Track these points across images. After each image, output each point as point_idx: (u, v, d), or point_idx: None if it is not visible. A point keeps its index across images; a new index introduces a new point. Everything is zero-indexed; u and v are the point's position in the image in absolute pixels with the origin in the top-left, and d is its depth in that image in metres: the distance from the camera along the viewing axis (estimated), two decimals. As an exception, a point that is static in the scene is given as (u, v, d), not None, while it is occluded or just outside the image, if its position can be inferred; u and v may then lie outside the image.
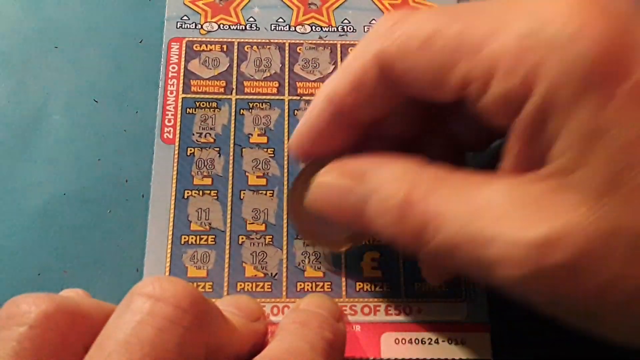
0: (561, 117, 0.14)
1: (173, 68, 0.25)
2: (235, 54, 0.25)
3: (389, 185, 0.17)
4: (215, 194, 0.23)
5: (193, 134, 0.24)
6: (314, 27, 0.26)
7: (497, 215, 0.15)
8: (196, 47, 0.25)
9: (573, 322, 0.16)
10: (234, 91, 0.25)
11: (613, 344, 0.16)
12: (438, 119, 0.21)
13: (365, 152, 0.19)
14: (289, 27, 0.26)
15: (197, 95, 0.25)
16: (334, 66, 0.25)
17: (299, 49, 0.26)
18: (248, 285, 0.22)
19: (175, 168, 0.23)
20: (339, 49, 0.26)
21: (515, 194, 0.15)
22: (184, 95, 0.25)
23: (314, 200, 0.20)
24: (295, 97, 0.25)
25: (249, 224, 0.23)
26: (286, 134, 0.24)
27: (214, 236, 0.23)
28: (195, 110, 0.24)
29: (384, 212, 0.17)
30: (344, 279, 0.22)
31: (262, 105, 0.25)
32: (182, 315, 0.16)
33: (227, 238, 0.23)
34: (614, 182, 0.14)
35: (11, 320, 0.15)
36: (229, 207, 0.23)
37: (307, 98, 0.25)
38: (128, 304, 0.16)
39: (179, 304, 0.16)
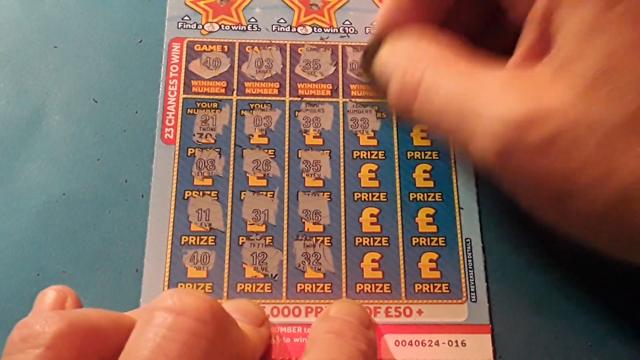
0: (566, 11, 0.15)
1: (174, 68, 0.25)
2: (237, 55, 0.25)
3: (401, 55, 0.20)
4: (215, 195, 0.23)
5: (194, 135, 0.24)
6: (315, 28, 0.26)
7: (490, 92, 0.16)
8: (197, 47, 0.25)
9: (538, 207, 0.17)
10: (235, 92, 0.25)
11: (573, 238, 0.17)
12: (503, 14, 0.22)
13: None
14: (290, 28, 0.26)
15: (198, 96, 0.25)
16: (334, 67, 0.25)
17: (300, 50, 0.26)
18: (248, 286, 0.22)
19: (175, 168, 0.23)
20: (340, 50, 0.26)
21: (512, 78, 0.17)
22: (184, 96, 0.25)
23: (379, 58, 0.22)
24: (296, 98, 0.25)
25: (249, 224, 0.23)
26: (287, 135, 0.24)
27: (214, 237, 0.23)
28: (196, 111, 0.24)
29: (394, 70, 0.20)
30: (344, 280, 0.22)
31: (262, 106, 0.25)
32: (205, 327, 0.16)
33: (227, 239, 0.23)
34: (600, 80, 0.15)
35: (26, 343, 0.15)
36: (229, 208, 0.23)
37: (308, 99, 0.25)
38: (149, 320, 0.16)
39: (201, 316, 0.16)
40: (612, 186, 0.15)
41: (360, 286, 0.22)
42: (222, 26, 0.26)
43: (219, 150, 0.24)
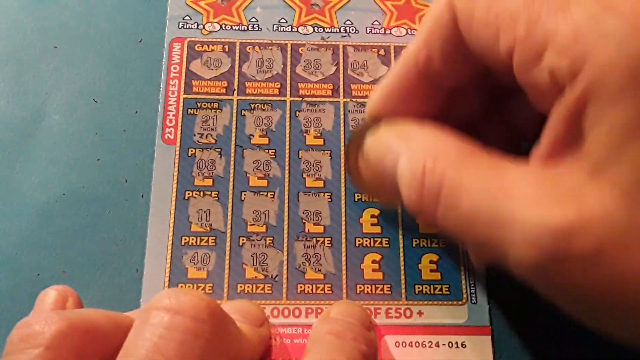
0: (602, 107, 0.14)
1: (175, 68, 0.25)
2: (237, 55, 0.25)
3: (416, 151, 0.18)
4: (216, 195, 0.23)
5: (194, 135, 0.24)
6: (316, 28, 0.26)
7: (522, 196, 0.15)
8: (198, 47, 0.25)
9: (579, 315, 0.16)
10: (236, 92, 0.25)
11: (616, 341, 0.16)
12: (501, 102, 0.21)
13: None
14: (291, 28, 0.26)
15: (199, 96, 0.25)
16: (336, 67, 0.25)
17: (301, 50, 0.26)
18: (248, 287, 0.22)
19: (176, 169, 0.23)
20: (341, 50, 0.26)
21: (543, 178, 0.15)
22: (185, 96, 0.25)
23: (368, 149, 0.20)
24: (297, 98, 0.25)
25: (250, 225, 0.23)
26: (287, 135, 0.24)
27: (214, 237, 0.22)
28: (196, 111, 0.24)
29: (408, 174, 0.17)
30: (344, 281, 0.22)
31: (263, 106, 0.25)
32: (202, 327, 0.16)
33: (228, 239, 0.23)
34: None
35: (25, 343, 0.15)
36: (229, 209, 0.23)
37: (309, 99, 0.25)
38: (146, 319, 0.15)
39: (198, 315, 0.16)
40: None
41: (360, 287, 0.22)
42: (223, 26, 0.26)
43: (219, 150, 0.24)
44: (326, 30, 0.26)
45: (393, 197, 0.20)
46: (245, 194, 0.23)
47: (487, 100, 0.21)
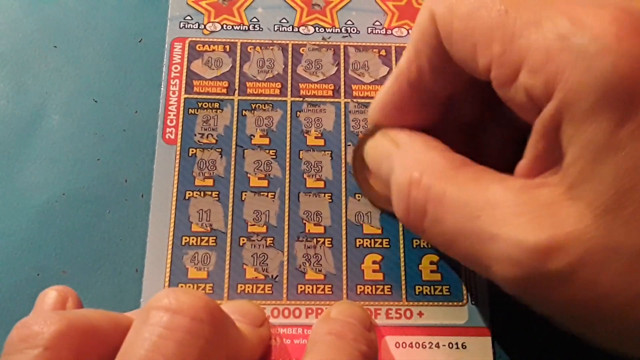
0: (576, 126, 0.14)
1: (175, 68, 0.25)
2: (238, 55, 0.25)
3: (406, 163, 0.18)
4: (216, 195, 0.23)
5: (195, 135, 0.24)
6: (317, 28, 0.26)
7: (503, 214, 0.15)
8: (199, 47, 0.25)
9: (565, 326, 0.17)
10: (237, 92, 0.25)
11: (603, 350, 0.16)
12: (500, 104, 0.21)
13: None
14: (293, 28, 0.26)
15: (200, 96, 0.25)
16: (337, 67, 0.25)
17: (302, 50, 0.26)
18: (248, 287, 0.22)
19: (176, 169, 0.23)
20: (342, 50, 0.26)
21: (524, 196, 0.16)
22: (186, 96, 0.24)
23: (367, 155, 0.21)
24: (297, 99, 0.25)
25: (250, 225, 0.23)
26: (288, 135, 0.24)
27: (214, 237, 0.22)
28: (197, 111, 0.24)
29: (396, 186, 0.18)
30: (345, 282, 0.22)
31: (264, 106, 0.25)
32: (201, 326, 0.16)
33: (228, 239, 0.22)
34: (619, 201, 0.14)
35: (24, 343, 0.15)
36: (230, 209, 0.23)
37: (310, 100, 0.25)
38: (145, 319, 0.15)
39: (197, 315, 0.16)
40: None
41: (360, 288, 0.22)
42: (224, 26, 0.26)
43: (220, 150, 0.24)
44: (327, 31, 0.26)
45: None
46: (245, 194, 0.23)
47: (486, 102, 0.21)
